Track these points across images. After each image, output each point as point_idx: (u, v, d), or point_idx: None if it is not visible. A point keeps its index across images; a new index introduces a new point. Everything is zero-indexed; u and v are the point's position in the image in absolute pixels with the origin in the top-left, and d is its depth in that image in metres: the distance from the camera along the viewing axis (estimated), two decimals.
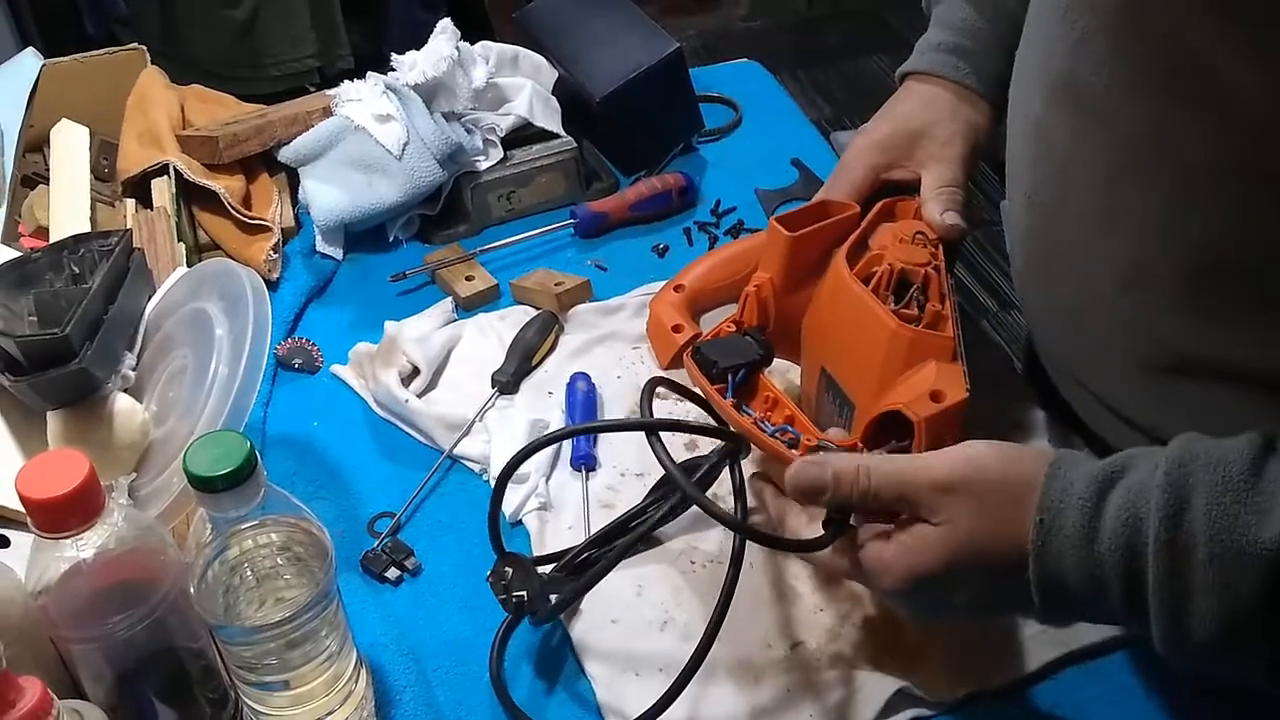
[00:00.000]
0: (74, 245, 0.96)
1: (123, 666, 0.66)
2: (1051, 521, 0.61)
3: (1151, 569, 0.58)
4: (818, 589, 0.79)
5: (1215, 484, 0.57)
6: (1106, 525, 0.59)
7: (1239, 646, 0.58)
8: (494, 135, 1.18)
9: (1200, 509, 0.57)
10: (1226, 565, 0.56)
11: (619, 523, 0.82)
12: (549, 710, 0.75)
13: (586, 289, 1.07)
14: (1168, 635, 0.59)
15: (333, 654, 0.68)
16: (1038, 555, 0.61)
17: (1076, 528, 0.60)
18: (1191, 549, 0.57)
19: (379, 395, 0.97)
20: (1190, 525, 0.57)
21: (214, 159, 1.16)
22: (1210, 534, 0.57)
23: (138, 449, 0.84)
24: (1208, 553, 0.57)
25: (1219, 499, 0.57)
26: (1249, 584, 0.56)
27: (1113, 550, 0.59)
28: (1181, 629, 0.58)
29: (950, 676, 0.73)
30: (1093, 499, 0.60)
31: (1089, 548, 0.60)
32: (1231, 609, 0.56)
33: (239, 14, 2.31)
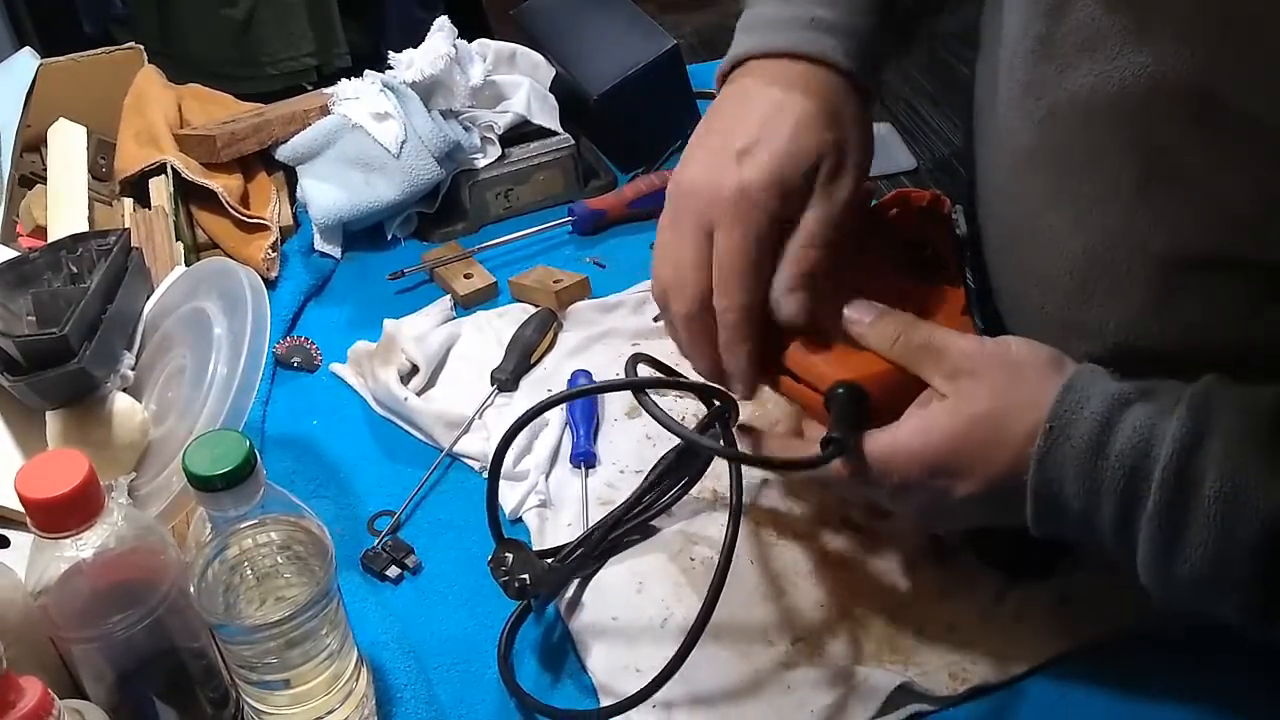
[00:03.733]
0: (72, 245, 0.95)
1: (123, 666, 0.66)
2: (1061, 430, 0.60)
3: (1154, 494, 0.58)
4: (819, 584, 0.79)
5: (1237, 426, 0.57)
6: (1116, 443, 0.59)
7: (1220, 586, 0.58)
8: (492, 133, 1.18)
9: (1217, 446, 0.57)
10: (1231, 507, 0.56)
11: (615, 516, 0.83)
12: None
13: (585, 286, 1.07)
14: (1152, 564, 0.59)
15: (333, 653, 0.68)
16: (1039, 461, 0.61)
17: (1084, 440, 0.60)
18: (1199, 483, 0.57)
19: (378, 393, 0.97)
20: (1204, 460, 0.57)
21: (212, 158, 1.15)
22: (1222, 472, 0.56)
23: (137, 448, 0.84)
24: (1215, 490, 0.56)
25: (1239, 441, 0.57)
26: (1247, 529, 0.56)
27: (1117, 469, 0.59)
28: (1168, 560, 0.58)
29: (951, 672, 0.73)
30: (1106, 415, 0.60)
31: (1092, 462, 0.59)
32: (1223, 550, 0.57)
33: (236, 13, 2.31)
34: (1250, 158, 0.62)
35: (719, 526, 0.84)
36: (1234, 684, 0.72)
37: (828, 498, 0.85)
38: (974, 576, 0.79)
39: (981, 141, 0.83)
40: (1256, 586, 0.58)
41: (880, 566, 0.80)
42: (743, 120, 0.72)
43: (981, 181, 0.84)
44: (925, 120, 3.03)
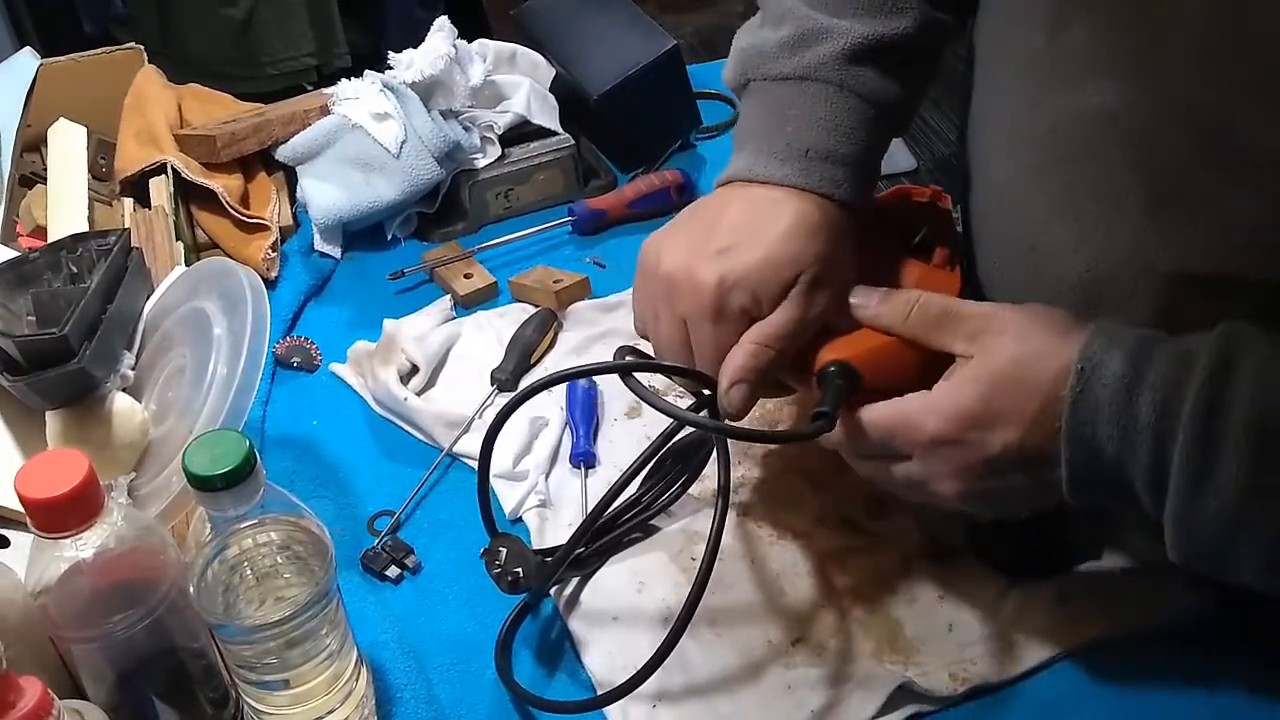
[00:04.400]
0: (72, 245, 0.95)
1: (123, 666, 0.66)
2: (1092, 370, 0.60)
3: (1185, 424, 0.58)
4: (819, 584, 0.79)
5: (1266, 355, 0.57)
6: (1148, 378, 0.59)
7: (1245, 528, 0.58)
8: (492, 133, 1.18)
9: (1247, 373, 0.57)
10: (1262, 435, 0.56)
11: (613, 515, 0.83)
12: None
13: (585, 286, 1.07)
14: (1184, 501, 0.58)
15: (333, 653, 0.68)
16: (1073, 402, 0.61)
17: (1116, 377, 0.60)
18: (1230, 408, 0.57)
19: (378, 393, 0.97)
20: (1234, 388, 0.57)
21: (212, 158, 1.15)
22: (1252, 399, 0.56)
23: (137, 448, 0.84)
24: (1246, 416, 0.56)
25: (1269, 368, 0.57)
26: (1275, 461, 0.56)
27: (1149, 403, 0.59)
28: (1199, 493, 0.58)
29: (951, 672, 0.73)
30: (1136, 352, 0.60)
31: (1125, 398, 0.59)
32: (1254, 480, 0.56)
33: (236, 13, 2.31)
34: (1260, 181, 0.62)
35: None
36: (1235, 683, 0.72)
37: (828, 496, 0.85)
38: (974, 576, 0.79)
39: (978, 152, 0.83)
40: None
41: (880, 566, 0.80)
42: (729, 217, 0.72)
43: (978, 192, 0.84)
44: (925, 120, 3.03)
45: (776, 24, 0.77)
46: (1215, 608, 0.75)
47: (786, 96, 0.75)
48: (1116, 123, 0.67)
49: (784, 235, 0.70)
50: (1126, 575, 0.77)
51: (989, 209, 0.82)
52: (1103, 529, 0.79)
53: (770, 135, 0.74)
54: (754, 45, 0.78)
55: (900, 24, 0.75)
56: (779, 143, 0.74)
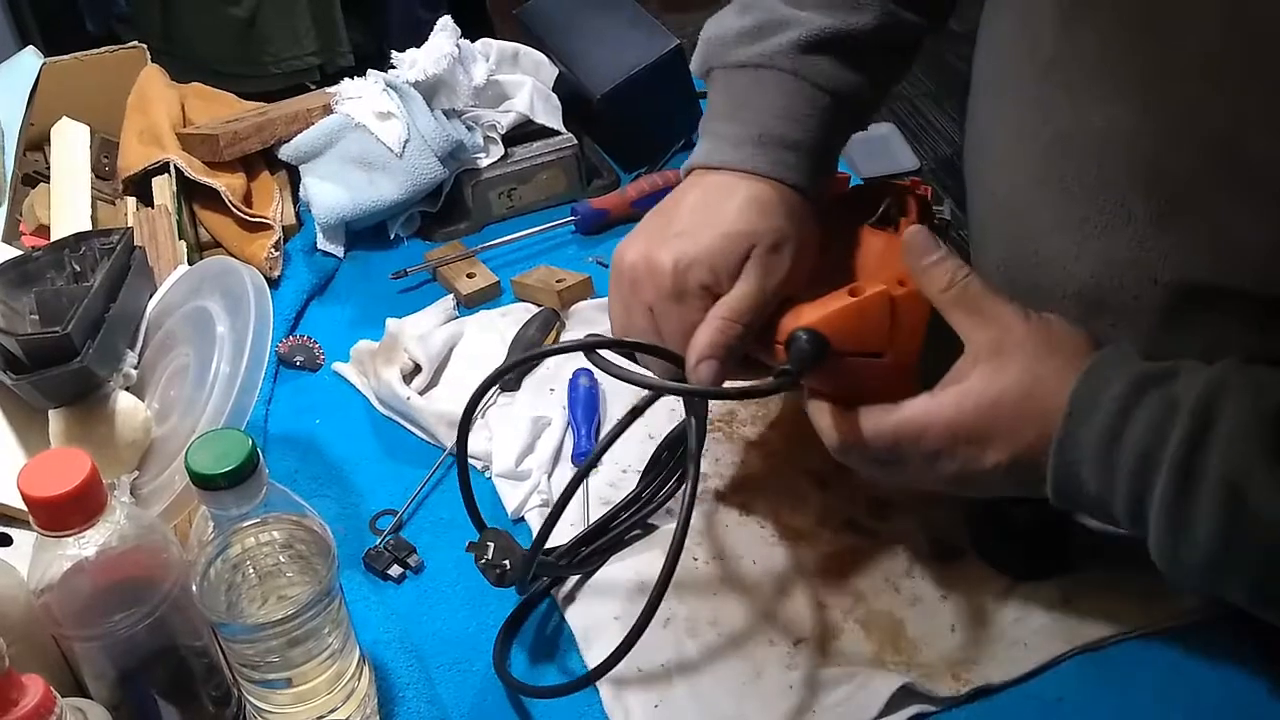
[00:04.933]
0: (75, 243, 0.96)
1: (125, 665, 0.66)
2: (1080, 415, 0.62)
3: (1161, 483, 0.59)
4: (821, 585, 0.79)
5: (1243, 416, 0.58)
6: (1132, 431, 0.60)
7: (1225, 574, 0.60)
8: (495, 132, 1.18)
9: (1222, 437, 0.58)
10: (1232, 497, 0.57)
11: (611, 513, 0.83)
12: (551, 707, 0.75)
13: (588, 286, 1.07)
14: (1163, 546, 0.61)
15: (335, 652, 0.68)
16: (1059, 443, 0.62)
17: (1101, 425, 0.61)
18: (1203, 475, 0.58)
19: (381, 393, 0.97)
20: (1209, 453, 0.58)
21: (215, 157, 1.15)
22: (1226, 465, 0.58)
23: (140, 447, 0.84)
24: (1218, 478, 0.58)
25: (1243, 432, 0.58)
26: (1247, 520, 0.57)
27: (1130, 456, 0.60)
28: (1176, 546, 0.60)
29: (953, 673, 0.73)
30: (1123, 401, 0.61)
31: (1108, 447, 0.61)
32: (1226, 540, 0.58)
33: (240, 12, 2.31)
34: (1266, 194, 0.62)
35: (723, 527, 0.84)
36: (1239, 682, 0.72)
37: (831, 497, 0.85)
38: (976, 577, 0.79)
39: (980, 163, 0.83)
40: (1261, 573, 0.60)
41: (883, 567, 0.80)
42: (684, 205, 0.74)
43: (980, 203, 0.84)
44: (928, 120, 3.03)
45: (740, 14, 0.79)
46: (1219, 607, 0.74)
47: (744, 84, 0.77)
48: (1122, 136, 0.67)
49: (736, 212, 0.72)
50: (1129, 576, 0.76)
51: (991, 220, 0.82)
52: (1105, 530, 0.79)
53: (729, 122, 0.76)
54: (718, 34, 0.79)
55: (860, 19, 0.76)
56: (736, 129, 0.75)
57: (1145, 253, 0.68)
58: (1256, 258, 0.65)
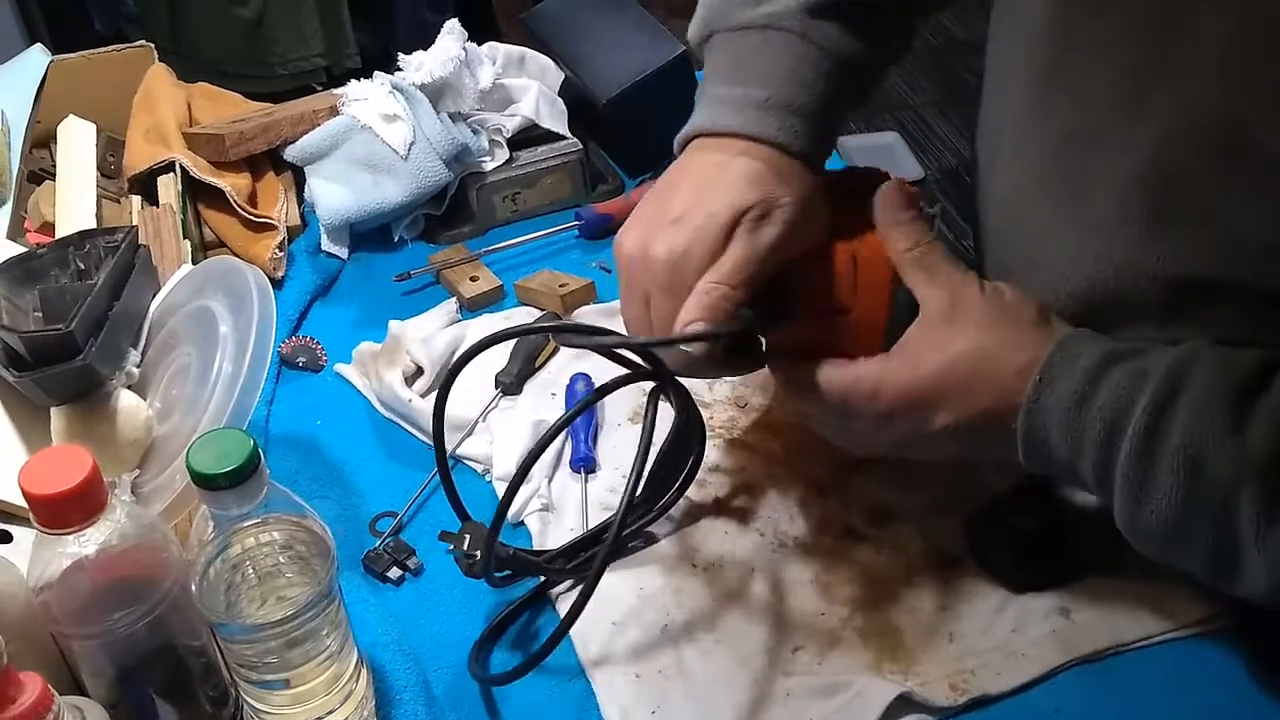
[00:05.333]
0: (79, 241, 0.96)
1: (124, 663, 0.66)
2: (1049, 382, 0.65)
3: (1126, 445, 0.62)
4: (819, 593, 0.79)
5: (1209, 387, 0.61)
6: (1099, 398, 0.63)
7: (1183, 538, 0.63)
8: (500, 136, 1.18)
9: (1187, 406, 0.61)
10: (1193, 462, 0.60)
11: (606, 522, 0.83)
12: (549, 711, 0.75)
13: (591, 291, 1.07)
14: (1125, 510, 0.64)
15: (333, 653, 0.68)
16: (1028, 410, 0.65)
17: (1070, 393, 0.64)
18: (1167, 436, 0.61)
19: (382, 395, 0.97)
20: (1173, 417, 0.61)
21: (220, 157, 1.16)
22: (1188, 429, 0.61)
23: (141, 446, 0.84)
24: (1179, 443, 0.61)
25: (1208, 402, 0.61)
26: (1207, 487, 0.60)
27: (1097, 421, 0.63)
28: (1138, 508, 0.63)
29: (951, 682, 0.73)
30: (1093, 370, 0.64)
31: (1076, 413, 0.64)
32: (1185, 503, 0.61)
33: (247, 12, 2.31)
34: (1271, 192, 0.62)
35: (722, 533, 0.84)
36: (1238, 695, 0.72)
37: (831, 504, 0.85)
38: (975, 587, 0.79)
39: (988, 153, 0.83)
40: (1214, 541, 0.62)
41: (881, 576, 0.80)
42: (680, 188, 0.73)
43: (985, 204, 0.84)
44: (933, 130, 3.03)
45: None
46: (1218, 619, 0.74)
47: (748, 46, 0.75)
48: (1123, 135, 0.67)
49: (726, 191, 0.70)
50: (1128, 587, 0.76)
51: (995, 222, 0.82)
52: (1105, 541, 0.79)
53: (731, 84, 0.74)
54: (719, 1, 0.78)
55: None
56: (739, 92, 0.73)
57: (1144, 250, 0.68)
58: (1257, 252, 0.65)
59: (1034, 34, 0.71)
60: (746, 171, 0.71)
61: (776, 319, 0.70)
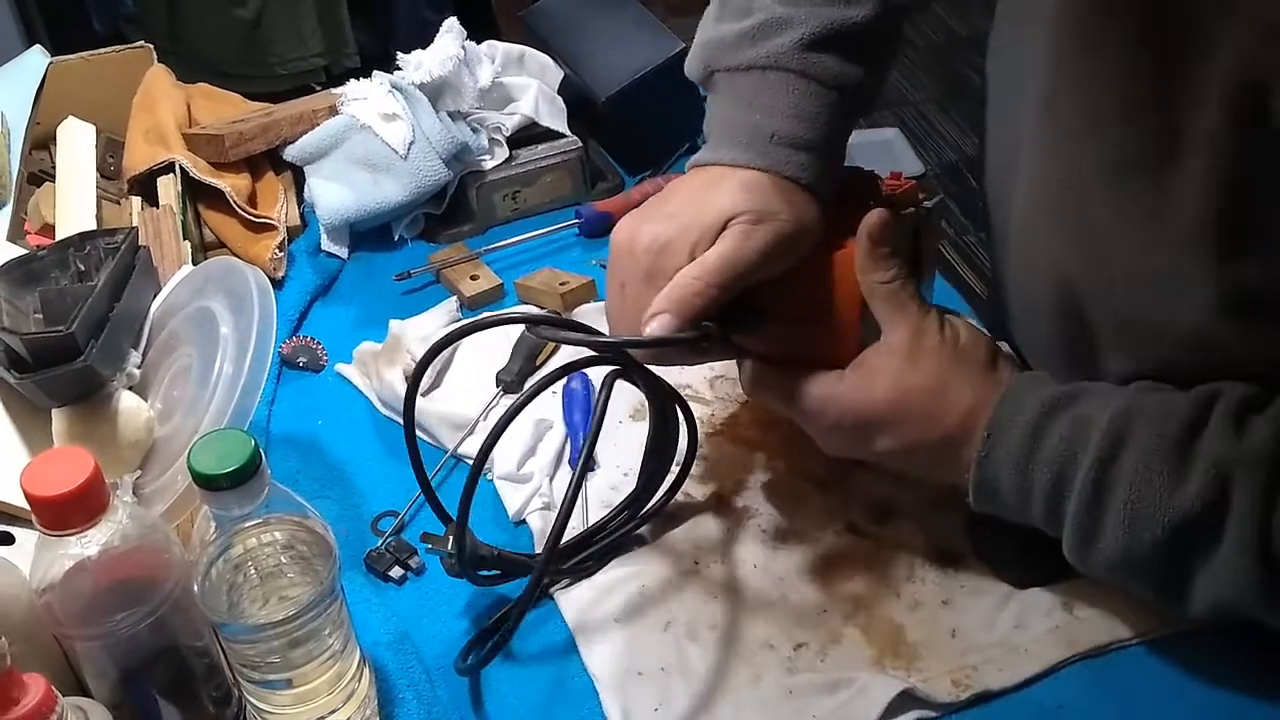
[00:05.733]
0: (80, 243, 0.96)
1: (126, 664, 0.66)
2: (997, 437, 0.69)
3: (1074, 498, 0.66)
4: (821, 589, 0.79)
5: (1150, 442, 0.65)
6: (1044, 451, 0.67)
7: (1131, 574, 0.68)
8: (499, 135, 1.18)
9: (1130, 461, 0.65)
10: (1137, 515, 0.65)
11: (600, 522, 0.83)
12: (551, 709, 0.75)
13: (591, 289, 1.07)
14: (1076, 553, 0.69)
15: (336, 653, 0.68)
16: (979, 464, 0.70)
17: (1016, 447, 0.68)
18: (1112, 490, 0.65)
19: (383, 394, 0.97)
20: (1117, 473, 0.65)
21: (220, 157, 1.16)
22: (1132, 484, 0.65)
23: (142, 447, 0.84)
24: (1125, 499, 0.65)
25: (1149, 457, 0.65)
26: (1151, 534, 0.65)
27: (1045, 474, 0.67)
28: (1088, 550, 0.68)
29: (953, 678, 0.73)
30: (1035, 424, 0.68)
31: (1025, 466, 0.68)
32: (1131, 548, 0.66)
33: (245, 13, 2.31)
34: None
35: (724, 530, 0.84)
36: (1240, 688, 0.72)
37: (832, 500, 0.85)
38: (978, 583, 0.79)
39: (997, 183, 0.83)
40: (1161, 579, 0.67)
41: (883, 572, 0.80)
42: (680, 190, 0.75)
43: (997, 220, 0.84)
44: (934, 126, 3.03)
45: (738, 16, 0.78)
46: None
47: (750, 86, 0.76)
48: (1140, 170, 0.66)
49: (723, 195, 0.72)
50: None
51: (1008, 239, 0.82)
52: None
53: (736, 123, 0.76)
54: (716, 38, 0.79)
55: (858, 11, 0.76)
56: (744, 131, 0.75)
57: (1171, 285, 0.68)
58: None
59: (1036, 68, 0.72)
60: (748, 181, 0.73)
61: (744, 324, 0.70)
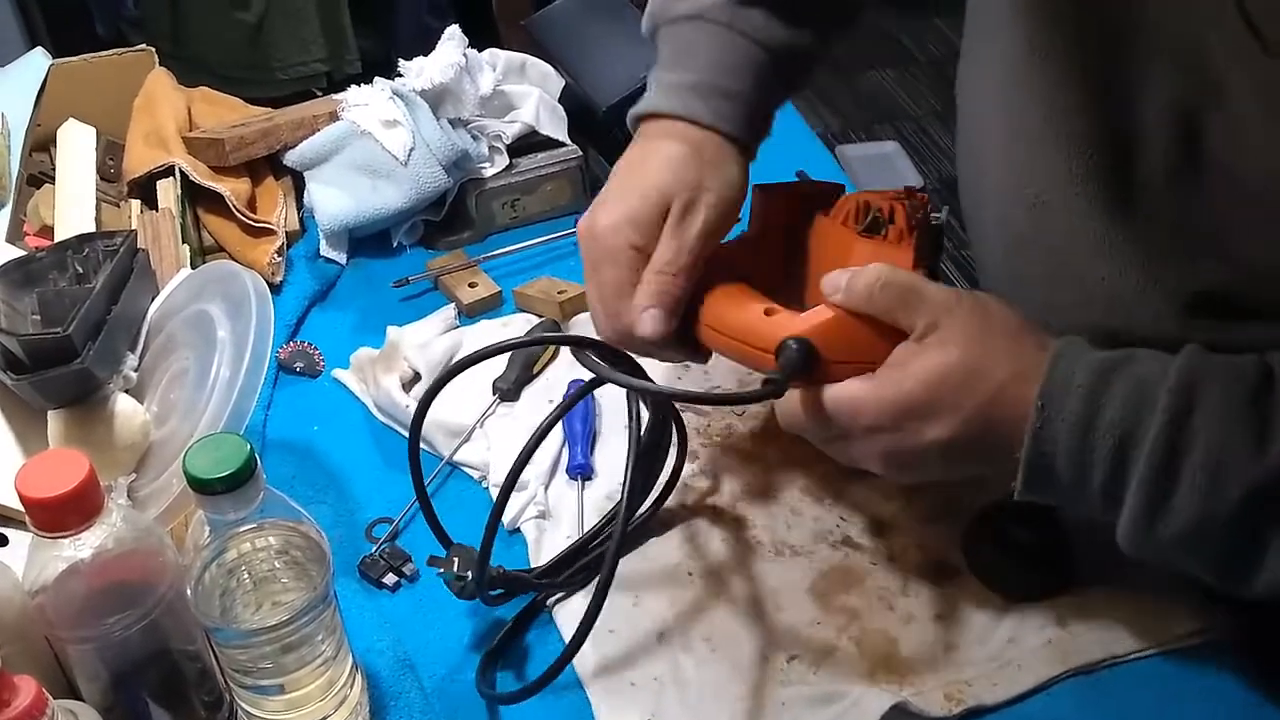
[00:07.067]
0: (78, 245, 0.96)
1: (118, 667, 0.66)
2: (1051, 405, 0.63)
3: (1144, 461, 0.61)
4: (815, 602, 0.79)
5: (1222, 397, 0.61)
6: (1105, 415, 0.62)
7: (1199, 546, 0.63)
8: (500, 142, 1.18)
9: (1203, 417, 0.61)
10: (1215, 474, 0.60)
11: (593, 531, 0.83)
12: (544, 718, 0.75)
13: None
14: (1136, 525, 0.63)
15: (328, 659, 0.68)
16: (1033, 436, 0.64)
17: (1075, 414, 0.63)
18: (1188, 451, 0.61)
19: (380, 400, 0.97)
20: (1191, 432, 0.61)
21: (220, 161, 1.16)
22: (1208, 444, 0.60)
23: (138, 450, 0.84)
24: (1202, 459, 0.60)
25: (1223, 412, 0.61)
26: (1228, 496, 0.60)
27: (1106, 439, 0.62)
28: (1152, 521, 0.62)
29: (947, 693, 0.73)
30: (1093, 387, 0.63)
31: (1082, 434, 0.63)
32: (1205, 514, 0.61)
33: (248, 17, 2.32)
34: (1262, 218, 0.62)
35: (719, 541, 0.84)
36: (1232, 708, 0.72)
37: (827, 514, 0.85)
38: (972, 597, 0.79)
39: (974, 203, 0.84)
40: (1232, 550, 0.62)
41: (878, 585, 0.80)
42: (619, 173, 0.80)
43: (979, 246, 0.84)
44: (932, 139, 3.04)
45: None
46: (1213, 632, 0.74)
47: (683, 35, 0.82)
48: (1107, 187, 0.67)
49: (654, 172, 0.77)
50: (1124, 599, 0.76)
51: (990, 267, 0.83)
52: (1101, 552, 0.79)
53: (669, 71, 0.82)
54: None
55: None
56: (675, 77, 0.81)
57: (1149, 297, 0.68)
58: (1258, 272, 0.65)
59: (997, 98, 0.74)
60: (672, 156, 0.77)
61: (799, 373, 0.69)
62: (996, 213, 0.78)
